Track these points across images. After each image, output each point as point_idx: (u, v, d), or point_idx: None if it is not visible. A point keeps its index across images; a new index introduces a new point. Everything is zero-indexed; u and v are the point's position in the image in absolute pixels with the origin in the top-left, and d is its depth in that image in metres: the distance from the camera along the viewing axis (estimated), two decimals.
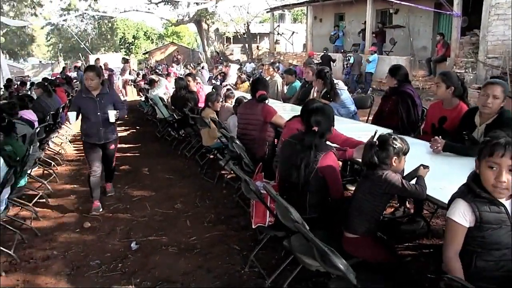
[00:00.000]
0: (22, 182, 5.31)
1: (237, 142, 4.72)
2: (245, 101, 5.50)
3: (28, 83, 16.56)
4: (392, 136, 2.89)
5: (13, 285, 3.83)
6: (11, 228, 4.68)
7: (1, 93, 12.54)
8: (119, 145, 8.61)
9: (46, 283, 3.83)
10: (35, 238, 4.75)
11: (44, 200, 5.88)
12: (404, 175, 3.07)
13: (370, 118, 6.30)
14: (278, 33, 28.81)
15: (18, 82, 14.43)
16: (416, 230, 4.21)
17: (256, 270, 3.76)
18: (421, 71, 15.95)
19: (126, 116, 5.70)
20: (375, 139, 2.94)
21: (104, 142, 5.35)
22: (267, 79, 7.12)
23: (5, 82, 14.06)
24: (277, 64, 9.65)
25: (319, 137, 3.31)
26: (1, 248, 4.22)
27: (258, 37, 37.38)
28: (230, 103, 7.28)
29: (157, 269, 3.94)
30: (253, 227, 3.66)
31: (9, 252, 4.22)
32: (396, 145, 2.84)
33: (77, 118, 5.27)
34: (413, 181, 2.92)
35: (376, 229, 3.01)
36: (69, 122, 5.57)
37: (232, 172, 6.14)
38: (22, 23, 29.39)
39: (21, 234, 4.68)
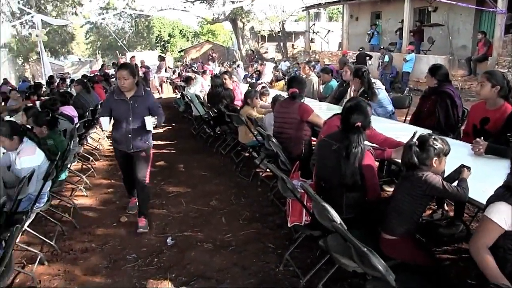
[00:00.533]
0: (63, 176, 5.46)
1: (274, 140, 4.71)
2: (281, 99, 5.48)
3: (68, 80, 16.97)
4: (433, 137, 2.82)
5: (55, 274, 3.96)
6: (52, 220, 4.85)
7: (44, 89, 12.88)
8: (155, 142, 8.67)
9: (84, 274, 3.94)
10: (74, 230, 4.89)
11: (82, 193, 6.03)
12: (445, 176, 3.00)
13: (408, 118, 6.20)
14: (314, 32, 28.60)
15: (59, 79, 14.80)
16: (455, 234, 4.11)
17: (291, 269, 3.74)
18: (460, 71, 15.54)
19: (162, 123, 4.84)
20: (414, 140, 2.87)
21: (134, 151, 4.69)
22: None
23: (47, 79, 14.45)
24: (313, 62, 9.58)
25: (357, 136, 3.25)
26: (44, 238, 4.38)
27: (293, 35, 37.24)
28: (265, 101, 7.28)
29: (192, 264, 3.97)
30: (289, 225, 3.66)
31: (51, 242, 4.38)
32: (436, 145, 2.77)
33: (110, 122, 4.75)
34: (455, 183, 2.85)
35: (415, 231, 2.95)
36: (102, 128, 4.91)
37: (267, 170, 6.15)
38: (63, 22, 30.15)
39: (61, 226, 4.83)
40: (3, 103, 9.37)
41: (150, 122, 4.45)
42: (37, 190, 4.22)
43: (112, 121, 4.72)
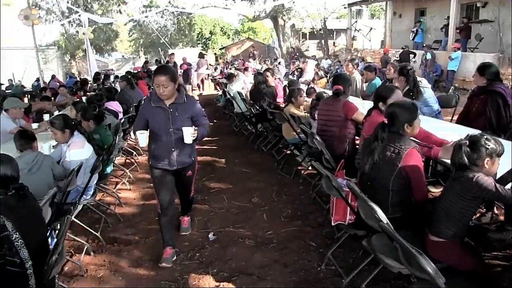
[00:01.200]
0: (108, 170, 5.59)
1: (318, 138, 4.67)
2: (325, 97, 5.43)
3: (112, 76, 17.36)
4: (485, 136, 2.71)
5: (100, 264, 4.08)
6: (97, 212, 4.98)
7: (89, 85, 13.23)
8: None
9: (128, 266, 4.04)
10: (118, 222, 5.02)
11: (126, 187, 6.16)
12: (497, 178, 2.88)
13: (455, 118, 6.04)
14: (356, 29, 28.24)
15: (103, 75, 15.15)
16: (505, 239, 3.95)
17: (333, 268, 3.71)
18: (510, 69, 15.01)
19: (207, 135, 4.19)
20: (464, 139, 2.76)
21: (178, 168, 4.01)
22: None
23: (94, 75, 14.83)
24: (357, 60, 9.47)
25: (395, 132, 3.17)
26: (90, 229, 4.50)
27: (334, 33, 36.91)
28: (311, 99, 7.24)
29: (233, 260, 3.99)
30: (333, 224, 3.62)
31: (97, 234, 4.52)
32: (489, 145, 2.65)
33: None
34: (508, 186, 2.74)
35: (464, 234, 2.85)
36: (140, 145, 3.95)
37: (309, 168, 6.12)
38: (108, 20, 30.87)
39: (106, 218, 4.97)
40: (52, 98, 9.65)
41: (188, 133, 3.73)
42: (84, 183, 4.35)
43: (148, 133, 3.90)
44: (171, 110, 3.82)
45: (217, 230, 4.67)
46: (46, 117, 7.50)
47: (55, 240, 3.39)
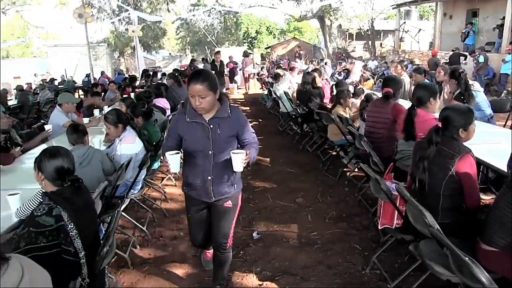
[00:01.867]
0: (155, 165, 5.70)
1: (365, 140, 4.62)
2: (375, 98, 5.36)
3: (159, 74, 17.70)
4: None
5: (146, 258, 4.18)
6: (144, 206, 5.10)
7: (138, 82, 13.53)
8: None
9: (172, 261, 4.10)
10: (164, 217, 5.12)
11: (171, 183, 6.27)
12: None
13: (509, 123, 5.85)
14: (404, 30, 27.70)
15: (151, 72, 15.49)
16: None
17: (378, 273, 3.67)
18: None
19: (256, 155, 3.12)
20: None
21: (216, 200, 3.13)
22: None
23: (142, 72, 15.18)
24: (406, 62, 9.29)
25: (449, 136, 3.09)
26: (136, 223, 4.61)
27: (382, 34, 36.36)
28: (358, 100, 7.17)
29: (277, 260, 4.00)
30: (379, 228, 3.58)
31: (143, 228, 4.62)
32: None
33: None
34: None
35: None
36: (171, 170, 2.97)
37: (355, 170, 6.06)
38: (157, 18, 31.55)
39: (152, 213, 5.07)
40: (102, 94, 9.97)
41: (239, 160, 2.81)
42: (132, 177, 4.45)
43: (180, 154, 3.06)
44: (212, 126, 2.95)
45: (261, 229, 4.69)
46: (96, 112, 7.73)
47: (103, 232, 3.50)
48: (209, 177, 3.03)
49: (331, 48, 32.46)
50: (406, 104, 6.09)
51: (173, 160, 2.90)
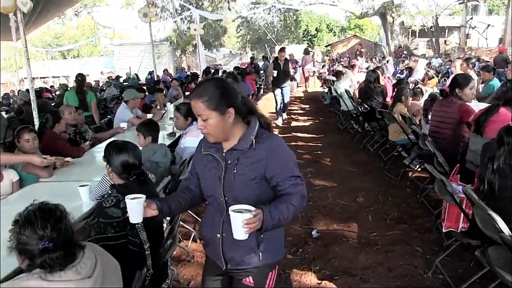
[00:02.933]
0: None
1: (430, 140, 4.49)
2: (441, 98, 5.18)
3: (220, 71, 17.96)
4: None
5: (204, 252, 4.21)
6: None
7: (200, 79, 13.78)
8: (300, 134, 8.75)
9: None
10: None
11: None
12: None
13: None
14: (471, 27, 26.61)
15: (213, 70, 15.77)
16: None
17: (441, 277, 3.54)
18: None
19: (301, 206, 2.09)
20: None
21: (231, 270, 2.18)
22: None
23: (203, 70, 15.47)
24: (473, 60, 8.93)
25: None
26: (197, 217, 4.71)
27: (446, 30, 35.09)
28: (418, 100, 6.98)
29: (336, 259, 3.95)
30: (443, 231, 3.47)
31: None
32: None
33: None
34: None
35: None
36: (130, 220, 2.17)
37: (418, 170, 5.90)
38: (218, 16, 32.03)
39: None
40: (164, 91, 10.24)
41: (238, 223, 1.83)
42: None
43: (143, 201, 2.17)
44: (229, 162, 2.08)
45: (320, 227, 4.65)
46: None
47: (164, 225, 3.59)
48: (218, 234, 2.12)
49: (392, 46, 31.68)
50: (472, 104, 5.88)
51: (132, 207, 2.08)
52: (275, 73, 10.40)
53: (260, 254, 2.09)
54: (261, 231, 1.90)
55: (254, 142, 2.04)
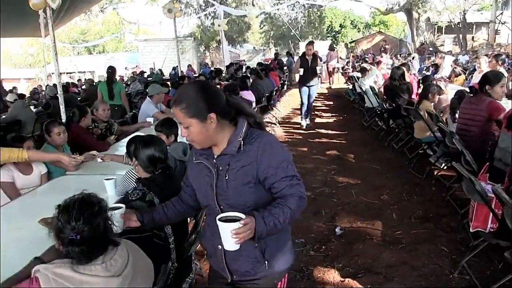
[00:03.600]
0: None
1: (457, 137, 4.41)
2: (470, 95, 5.09)
3: (244, 67, 17.98)
4: None
5: None
6: None
7: (223, 74, 13.85)
8: (324, 131, 8.71)
9: None
10: None
11: None
12: None
13: None
14: (500, 22, 26.03)
15: (236, 66, 15.82)
16: None
17: (467, 278, 3.48)
18: None
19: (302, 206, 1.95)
20: None
21: (237, 280, 2.07)
22: None
23: (227, 66, 15.56)
24: (503, 56, 8.72)
25: None
26: None
27: (474, 26, 34.37)
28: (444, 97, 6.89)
29: (360, 257, 3.93)
30: (471, 230, 3.41)
31: None
32: None
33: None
34: None
35: None
36: None
37: (443, 168, 5.82)
38: (242, 12, 32.08)
39: None
40: None
41: (227, 233, 1.73)
42: None
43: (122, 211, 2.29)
44: (220, 168, 1.96)
45: (344, 224, 4.62)
46: None
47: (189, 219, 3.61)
48: (219, 246, 1.95)
49: (418, 42, 31.22)
50: (502, 101, 5.76)
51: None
52: (301, 70, 9.45)
53: (267, 262, 1.98)
54: (255, 240, 1.78)
55: (242, 143, 1.92)
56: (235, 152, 1.91)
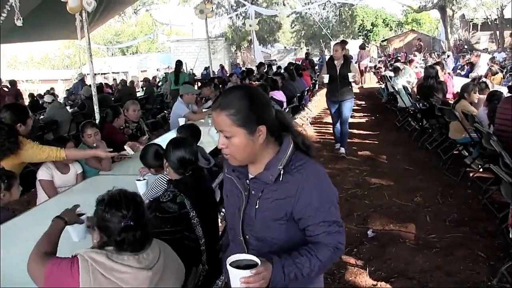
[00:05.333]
0: None
1: (495, 139, 4.28)
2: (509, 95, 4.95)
3: (275, 67, 17.96)
4: None
5: None
6: None
7: (254, 75, 13.86)
8: (355, 131, 8.56)
9: None
10: None
11: None
12: None
13: None
14: None
15: (267, 66, 15.85)
16: None
17: (508, 286, 3.35)
18: None
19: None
20: None
21: None
22: None
23: (257, 66, 15.58)
24: None
25: None
26: None
27: None
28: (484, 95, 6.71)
29: (392, 261, 3.86)
30: (511, 236, 3.29)
31: None
32: None
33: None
34: None
35: None
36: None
37: (480, 170, 5.67)
38: (273, 12, 32.05)
39: None
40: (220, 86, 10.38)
41: (235, 280, 1.52)
42: None
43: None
44: (252, 193, 1.71)
45: (376, 227, 4.55)
46: (209, 103, 8.09)
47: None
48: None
49: (452, 40, 30.57)
50: None
51: (72, 227, 2.19)
52: (326, 78, 6.82)
53: None
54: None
55: (282, 173, 1.62)
56: (271, 181, 1.63)
